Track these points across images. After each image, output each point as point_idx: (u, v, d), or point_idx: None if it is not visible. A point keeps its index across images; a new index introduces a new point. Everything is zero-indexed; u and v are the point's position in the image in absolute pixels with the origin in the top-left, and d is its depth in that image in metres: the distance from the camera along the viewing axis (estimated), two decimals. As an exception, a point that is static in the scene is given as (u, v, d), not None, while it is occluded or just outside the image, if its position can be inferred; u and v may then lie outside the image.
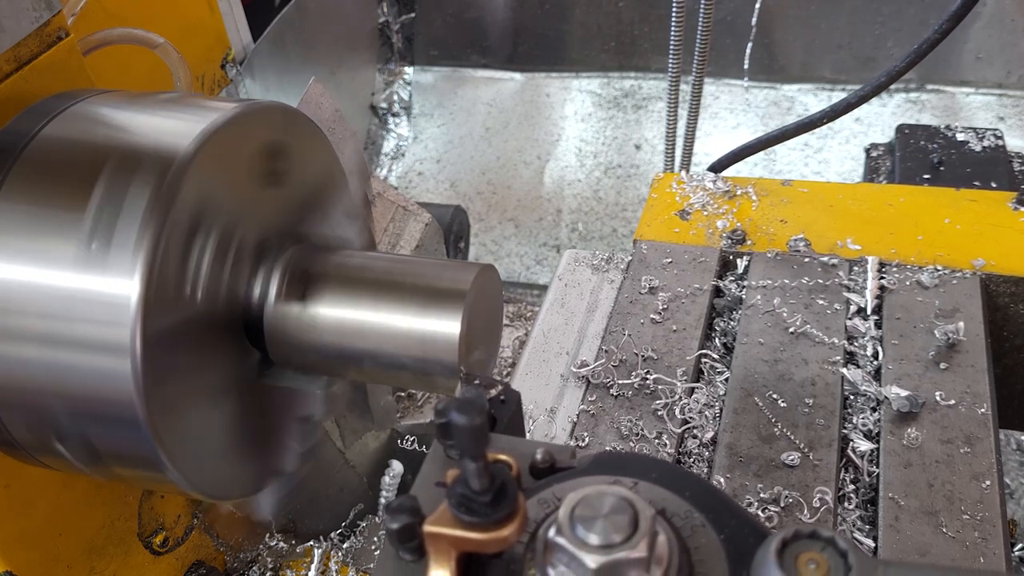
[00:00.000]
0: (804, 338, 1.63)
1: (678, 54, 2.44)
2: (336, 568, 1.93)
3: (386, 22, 4.23)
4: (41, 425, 1.14)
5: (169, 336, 1.08)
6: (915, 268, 1.73)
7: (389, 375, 1.33)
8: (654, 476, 0.84)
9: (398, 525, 0.75)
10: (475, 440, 0.69)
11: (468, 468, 0.71)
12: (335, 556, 1.96)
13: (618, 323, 1.71)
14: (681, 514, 0.80)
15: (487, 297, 1.27)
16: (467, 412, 0.68)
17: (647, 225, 1.92)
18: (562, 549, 0.71)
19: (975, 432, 1.44)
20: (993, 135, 2.33)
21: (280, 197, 1.28)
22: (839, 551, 0.70)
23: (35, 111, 1.17)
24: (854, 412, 1.51)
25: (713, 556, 0.76)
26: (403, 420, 2.60)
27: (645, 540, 0.70)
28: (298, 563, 1.94)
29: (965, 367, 1.55)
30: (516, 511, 0.73)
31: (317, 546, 1.96)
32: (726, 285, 1.76)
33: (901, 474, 1.40)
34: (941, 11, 1.87)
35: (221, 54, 2.09)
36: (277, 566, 1.93)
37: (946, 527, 1.32)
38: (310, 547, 1.96)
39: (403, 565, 0.78)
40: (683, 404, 1.54)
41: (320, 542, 1.98)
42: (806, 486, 1.39)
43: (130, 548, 1.58)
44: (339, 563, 1.95)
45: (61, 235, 1.06)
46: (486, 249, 3.92)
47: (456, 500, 0.73)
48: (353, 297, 1.25)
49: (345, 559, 1.96)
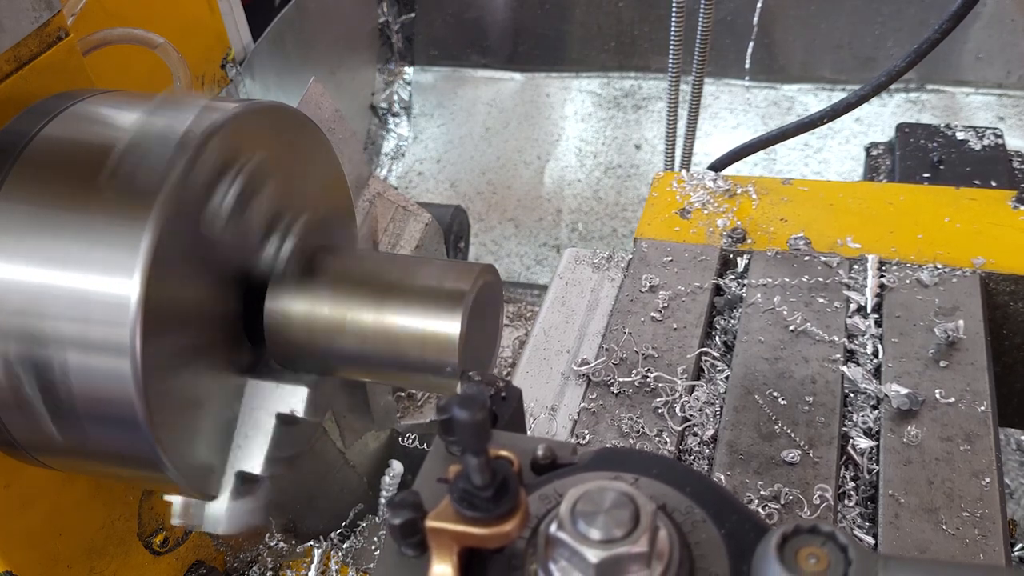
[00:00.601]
0: (804, 336, 1.63)
1: (678, 54, 2.44)
2: (336, 568, 1.93)
3: (386, 22, 4.24)
4: (41, 425, 1.13)
5: (169, 336, 1.08)
6: (915, 266, 1.73)
7: (389, 375, 1.33)
8: (655, 472, 0.84)
9: (400, 520, 0.75)
10: (477, 435, 0.69)
11: (470, 463, 0.71)
12: (335, 556, 1.95)
13: (619, 321, 1.71)
14: (682, 510, 0.80)
15: (487, 297, 1.27)
16: (469, 407, 0.68)
17: (647, 224, 1.92)
18: (563, 544, 0.71)
19: (975, 430, 1.45)
20: (993, 134, 2.33)
21: (280, 197, 1.28)
22: (839, 546, 0.70)
23: (35, 111, 1.17)
24: (854, 410, 1.51)
25: (714, 551, 0.76)
26: (403, 420, 2.60)
27: (646, 535, 0.70)
28: (298, 563, 1.94)
29: (965, 365, 1.55)
30: (518, 506, 0.73)
31: (317, 546, 1.96)
32: (726, 283, 1.76)
33: (901, 471, 1.40)
34: (941, 11, 1.87)
35: (221, 54, 2.09)
36: (277, 566, 1.93)
37: (946, 524, 1.32)
38: (310, 547, 1.96)
39: (405, 561, 0.79)
40: (683, 402, 1.54)
41: (320, 542, 1.98)
42: (806, 483, 1.39)
43: (130, 548, 1.57)
44: (339, 563, 1.94)
45: (61, 235, 1.06)
46: (486, 249, 3.92)
47: (458, 495, 0.73)
48: (354, 297, 1.25)
49: (345, 559, 1.96)
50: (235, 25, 2.84)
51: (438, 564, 0.75)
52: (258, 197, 1.24)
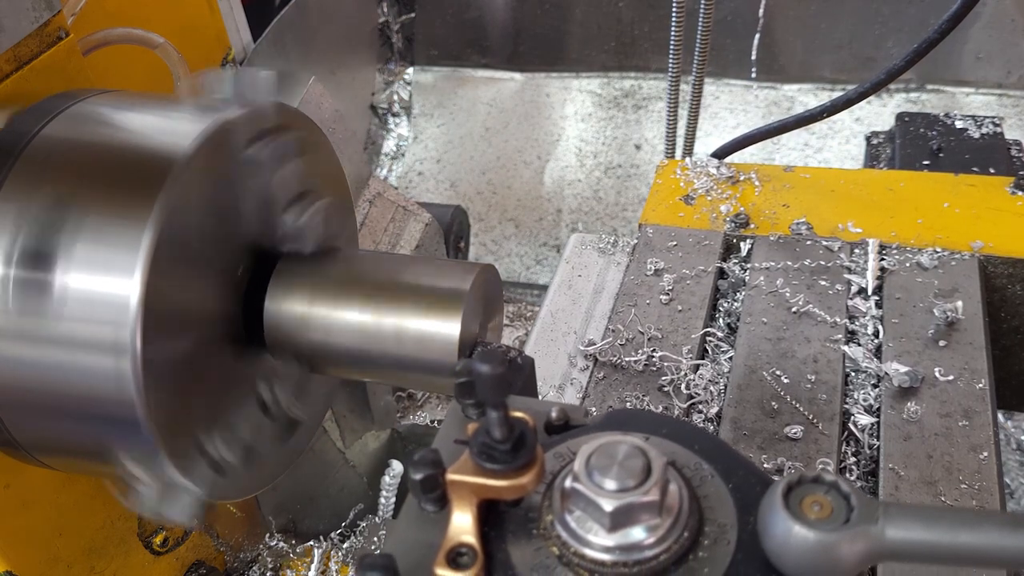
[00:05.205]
0: (806, 317, 1.66)
1: (678, 54, 2.46)
2: (336, 568, 1.94)
3: (386, 22, 4.24)
4: (41, 425, 1.15)
5: (169, 336, 1.09)
6: (915, 250, 1.76)
7: (389, 375, 1.35)
8: (664, 431, 0.87)
9: (422, 475, 0.78)
10: (497, 388, 0.72)
11: (490, 417, 0.74)
12: (335, 556, 1.96)
13: (624, 303, 1.74)
14: (691, 466, 0.83)
15: (487, 297, 1.29)
16: (490, 361, 0.71)
17: (652, 210, 1.95)
18: (579, 495, 0.74)
19: (973, 406, 1.48)
20: (991, 123, 2.35)
21: (280, 197, 1.29)
22: (842, 494, 0.73)
23: (35, 111, 1.17)
24: (855, 388, 1.54)
25: (722, 503, 0.79)
26: (403, 420, 2.62)
27: (658, 485, 0.73)
28: (298, 563, 1.94)
29: (964, 344, 1.58)
30: (535, 459, 0.76)
31: (317, 546, 1.97)
32: (730, 267, 1.79)
33: (901, 446, 1.43)
34: (941, 11, 1.87)
35: (221, 54, 2.09)
36: (277, 566, 1.94)
37: (944, 496, 1.35)
38: (310, 547, 1.97)
39: (426, 516, 0.81)
40: (689, 380, 1.57)
41: (320, 542, 1.99)
42: (809, 458, 1.42)
43: (130, 548, 1.58)
44: (339, 563, 1.95)
45: (61, 235, 1.06)
46: (486, 249, 3.93)
47: (477, 449, 0.76)
48: (353, 297, 1.26)
49: (345, 559, 1.96)
50: (235, 25, 2.84)
51: (459, 515, 0.77)
52: (291, 163, 1.25)
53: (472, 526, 0.77)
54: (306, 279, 1.28)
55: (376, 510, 2.29)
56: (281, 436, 1.37)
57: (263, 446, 1.32)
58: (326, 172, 1.39)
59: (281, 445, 1.37)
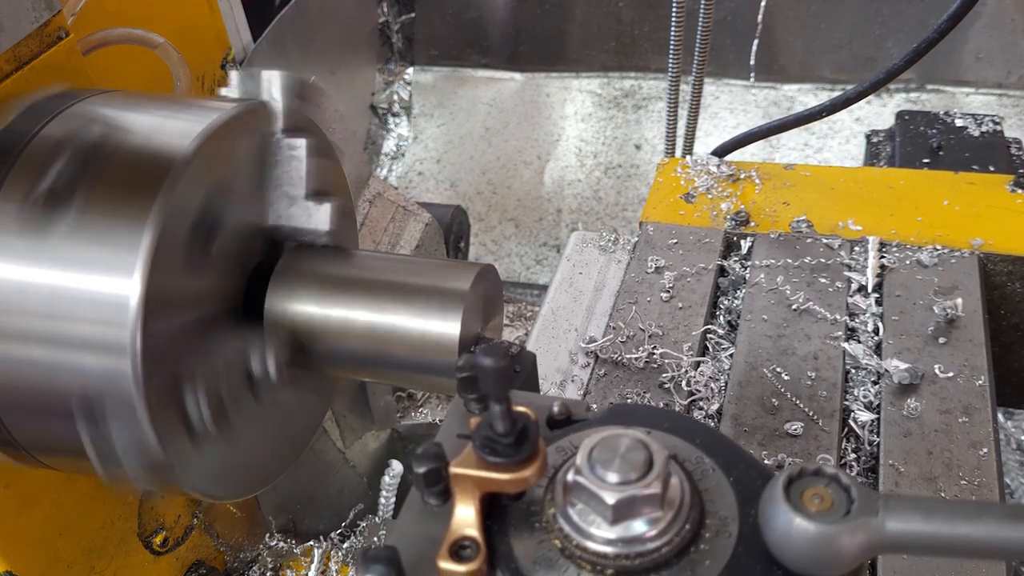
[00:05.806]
0: (807, 315, 1.66)
1: (678, 54, 2.46)
2: (336, 568, 1.94)
3: (386, 22, 4.24)
4: (41, 425, 1.15)
5: (169, 336, 1.09)
6: (915, 248, 1.76)
7: (389, 375, 1.34)
8: (666, 425, 0.87)
9: (425, 469, 0.78)
10: (501, 381, 0.73)
11: (493, 411, 0.74)
12: (335, 556, 1.97)
13: (625, 301, 1.75)
14: (692, 459, 0.83)
15: (487, 297, 1.29)
16: (493, 355, 0.72)
17: (653, 208, 1.96)
18: (581, 488, 0.74)
19: (973, 403, 1.48)
20: (991, 121, 2.36)
21: (280, 196, 1.29)
22: (843, 486, 0.74)
23: (35, 111, 1.17)
24: (855, 385, 1.54)
25: (723, 496, 0.79)
26: (403, 420, 2.62)
27: (660, 478, 0.73)
28: (298, 563, 1.95)
29: (963, 341, 1.58)
30: (537, 452, 0.76)
31: (317, 546, 1.97)
32: (730, 265, 1.80)
33: (901, 443, 1.43)
34: (941, 11, 1.87)
35: (221, 54, 2.09)
36: (277, 566, 1.94)
37: (944, 492, 1.35)
38: (310, 547, 1.97)
39: (429, 510, 0.81)
40: (689, 377, 1.57)
41: (320, 542, 1.99)
42: (809, 454, 1.42)
43: (130, 548, 1.58)
44: (339, 563, 1.96)
45: (61, 234, 1.07)
46: (486, 249, 3.93)
47: (480, 442, 0.76)
48: (354, 297, 1.26)
49: (345, 559, 1.97)
50: (235, 25, 2.84)
51: (461, 508, 0.78)
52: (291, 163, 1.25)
53: (475, 519, 0.77)
54: (306, 278, 1.28)
55: (376, 510, 2.30)
56: (261, 417, 1.33)
57: (240, 422, 1.29)
58: (328, 172, 1.39)
59: (258, 426, 1.33)
